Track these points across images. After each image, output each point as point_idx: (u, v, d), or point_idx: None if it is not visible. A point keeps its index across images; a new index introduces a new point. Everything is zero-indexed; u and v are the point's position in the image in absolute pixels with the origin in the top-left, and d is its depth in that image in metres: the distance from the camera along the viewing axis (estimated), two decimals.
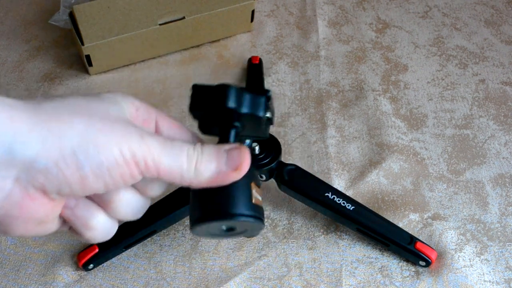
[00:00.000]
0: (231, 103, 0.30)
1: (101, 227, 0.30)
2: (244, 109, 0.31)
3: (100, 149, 0.26)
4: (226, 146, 0.30)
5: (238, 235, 0.34)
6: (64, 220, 0.30)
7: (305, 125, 0.66)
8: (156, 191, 0.32)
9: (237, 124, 0.33)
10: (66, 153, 0.25)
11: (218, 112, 0.32)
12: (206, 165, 0.29)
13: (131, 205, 0.31)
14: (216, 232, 0.33)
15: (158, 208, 0.52)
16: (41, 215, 0.27)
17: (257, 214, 0.31)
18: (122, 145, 0.26)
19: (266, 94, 0.32)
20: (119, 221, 0.32)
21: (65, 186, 0.26)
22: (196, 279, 0.52)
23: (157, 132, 0.32)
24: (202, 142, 0.32)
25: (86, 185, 0.26)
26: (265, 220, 0.56)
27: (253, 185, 0.32)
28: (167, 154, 0.28)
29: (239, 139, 0.35)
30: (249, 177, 0.31)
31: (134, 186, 0.31)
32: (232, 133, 0.33)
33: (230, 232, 0.33)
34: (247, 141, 0.36)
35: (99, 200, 0.30)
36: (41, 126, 0.25)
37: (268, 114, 0.33)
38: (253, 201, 0.31)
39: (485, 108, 0.68)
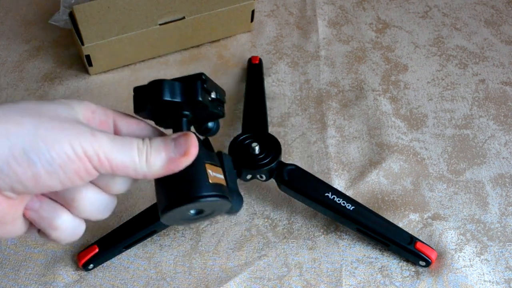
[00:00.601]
0: (167, 96, 0.32)
1: (66, 227, 0.31)
2: (183, 98, 0.32)
3: (51, 146, 0.26)
4: (173, 135, 0.31)
5: (209, 216, 0.35)
6: (31, 223, 0.31)
7: (305, 125, 0.66)
8: (120, 188, 0.32)
9: (185, 112, 0.34)
10: (16, 152, 0.26)
11: (159, 107, 0.33)
12: (156, 156, 0.30)
13: (95, 204, 0.31)
14: (187, 217, 0.34)
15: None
16: None
17: (216, 192, 0.32)
18: (73, 142, 0.27)
19: (200, 78, 0.33)
20: (86, 221, 0.32)
21: (18, 184, 0.26)
22: (196, 279, 0.52)
23: (116, 131, 0.33)
24: (163, 134, 0.33)
25: (40, 182, 0.27)
26: (266, 219, 0.57)
27: (208, 165, 0.33)
28: (117, 150, 0.29)
29: (202, 125, 0.37)
30: (202, 158, 0.32)
31: (97, 184, 0.31)
32: (183, 122, 0.34)
33: (201, 214, 0.34)
34: (209, 124, 0.37)
35: (62, 200, 0.30)
36: None
37: (213, 95, 0.34)
38: (210, 180, 0.32)
39: (485, 108, 0.68)
